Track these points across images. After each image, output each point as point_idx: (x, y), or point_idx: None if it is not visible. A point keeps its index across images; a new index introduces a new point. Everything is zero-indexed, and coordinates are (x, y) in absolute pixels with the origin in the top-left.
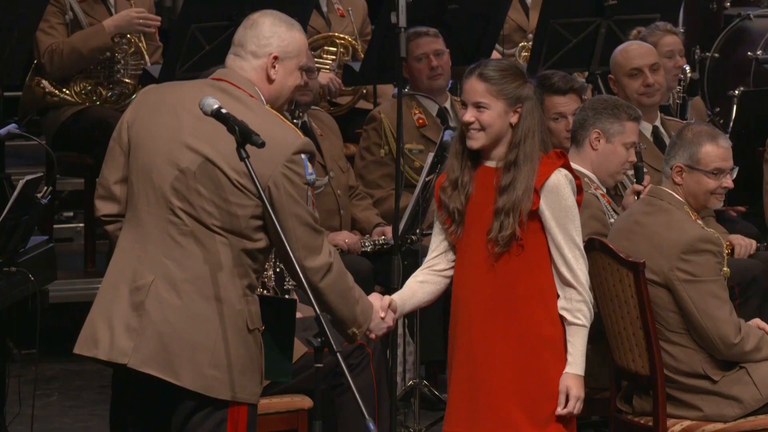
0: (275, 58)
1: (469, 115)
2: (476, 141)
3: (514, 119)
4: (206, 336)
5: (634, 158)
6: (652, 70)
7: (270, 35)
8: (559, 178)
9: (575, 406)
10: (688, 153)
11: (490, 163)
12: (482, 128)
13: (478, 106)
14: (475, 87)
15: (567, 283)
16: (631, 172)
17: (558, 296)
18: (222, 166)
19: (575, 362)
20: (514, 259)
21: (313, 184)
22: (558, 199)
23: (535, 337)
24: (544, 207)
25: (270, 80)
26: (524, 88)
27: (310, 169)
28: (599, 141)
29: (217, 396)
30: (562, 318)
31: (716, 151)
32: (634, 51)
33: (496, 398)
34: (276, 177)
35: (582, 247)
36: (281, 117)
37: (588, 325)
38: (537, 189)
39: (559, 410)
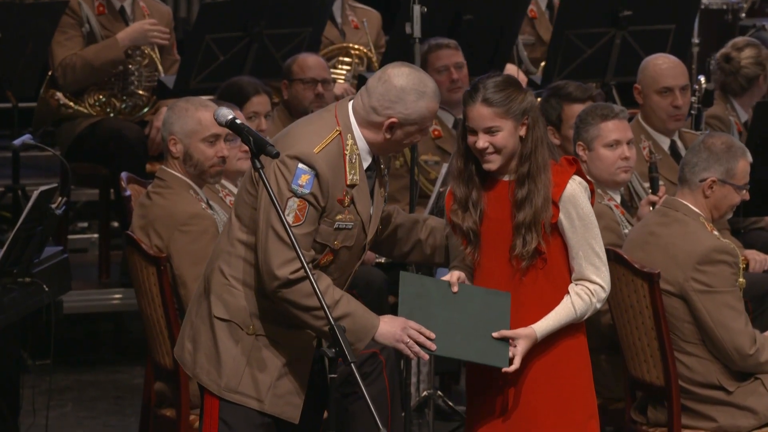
0: (393, 123)
1: (482, 141)
2: (493, 163)
3: (522, 132)
4: (192, 312)
5: (627, 154)
6: (682, 91)
7: (396, 100)
8: (575, 187)
9: (515, 363)
10: (724, 167)
11: (505, 178)
12: (497, 150)
13: (489, 130)
14: (482, 113)
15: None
16: (647, 184)
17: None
18: None
19: (543, 325)
20: (539, 272)
21: (300, 196)
22: (576, 208)
23: (562, 346)
24: (563, 218)
25: (384, 138)
26: (527, 99)
27: (304, 182)
28: (584, 152)
29: (183, 366)
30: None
31: (747, 166)
32: (667, 69)
33: (532, 411)
34: (267, 171)
35: (602, 254)
36: (330, 136)
37: (577, 318)
38: (555, 201)
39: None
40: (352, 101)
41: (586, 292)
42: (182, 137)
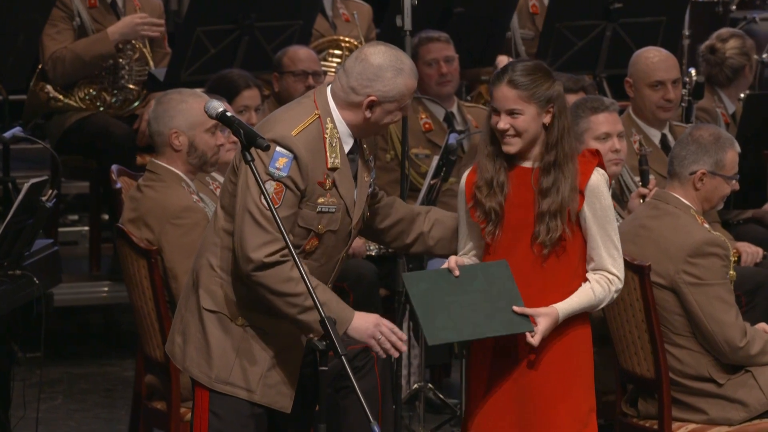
0: (372, 101)
1: (503, 123)
2: (513, 146)
3: (547, 119)
4: (181, 305)
5: (617, 146)
6: (673, 84)
7: (374, 78)
8: (599, 178)
9: (536, 339)
10: (713, 159)
11: (526, 164)
12: (517, 134)
13: (511, 113)
14: (506, 94)
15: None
16: (637, 177)
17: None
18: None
19: (565, 306)
20: (559, 260)
21: (277, 179)
22: (599, 199)
23: (571, 335)
24: (587, 208)
25: (365, 118)
26: (553, 88)
27: (282, 165)
28: None
29: (174, 360)
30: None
31: (735, 156)
32: (659, 62)
33: (544, 402)
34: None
35: (620, 247)
36: (308, 120)
37: (596, 305)
38: (581, 190)
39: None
40: (330, 86)
41: (605, 281)
42: (186, 129)
